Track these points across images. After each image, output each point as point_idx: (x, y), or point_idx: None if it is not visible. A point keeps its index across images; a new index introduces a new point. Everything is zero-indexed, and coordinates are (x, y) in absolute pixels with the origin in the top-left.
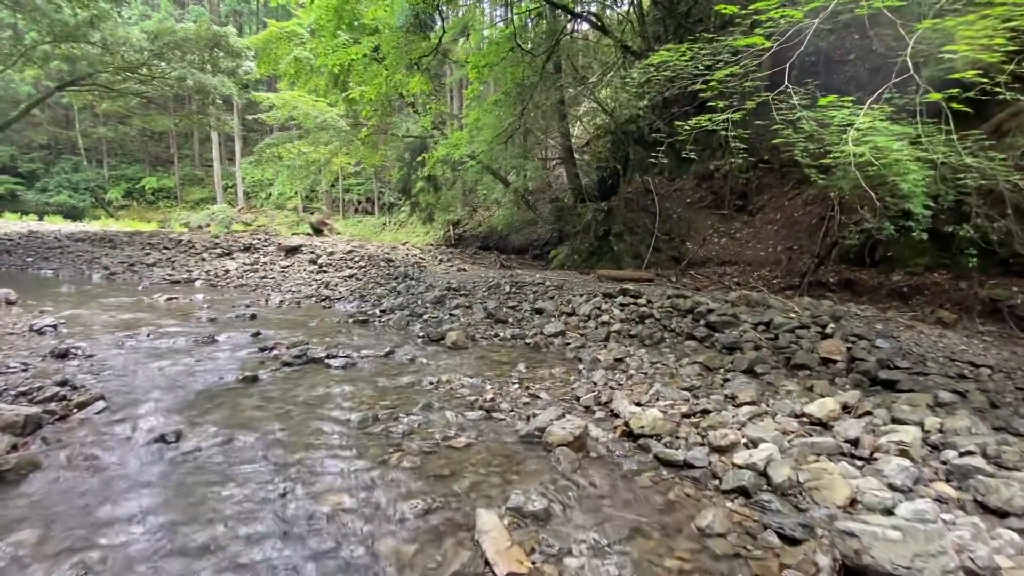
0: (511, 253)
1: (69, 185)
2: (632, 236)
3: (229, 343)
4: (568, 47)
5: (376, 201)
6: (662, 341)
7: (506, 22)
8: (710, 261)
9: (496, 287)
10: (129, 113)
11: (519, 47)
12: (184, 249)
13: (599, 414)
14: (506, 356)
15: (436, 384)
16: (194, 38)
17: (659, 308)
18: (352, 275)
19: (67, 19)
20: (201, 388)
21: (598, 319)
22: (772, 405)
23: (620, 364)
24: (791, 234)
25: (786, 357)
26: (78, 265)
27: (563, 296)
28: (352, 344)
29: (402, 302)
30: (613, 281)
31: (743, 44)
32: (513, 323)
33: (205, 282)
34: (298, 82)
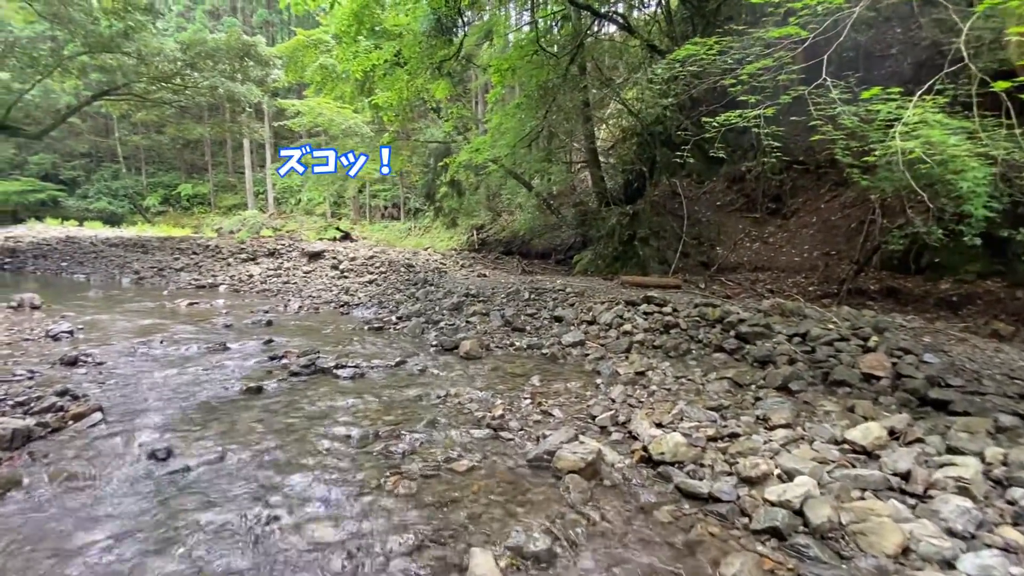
0: (534, 258)
1: (108, 192)
2: (658, 241)
3: (240, 351)
4: (593, 48)
5: (402, 207)
6: (688, 353)
7: (531, 25)
8: (741, 267)
9: (515, 293)
10: (164, 122)
11: (542, 49)
12: (211, 254)
13: (616, 436)
14: (520, 368)
15: (444, 398)
16: (225, 48)
17: (685, 317)
18: (372, 280)
19: (103, 30)
20: (204, 399)
21: (620, 328)
22: (809, 429)
23: (641, 378)
24: (828, 239)
25: (824, 372)
26: (110, 270)
27: (584, 303)
28: (364, 353)
29: (419, 308)
30: (637, 288)
31: (776, 35)
32: (531, 331)
33: (229, 287)
34: (324, 89)
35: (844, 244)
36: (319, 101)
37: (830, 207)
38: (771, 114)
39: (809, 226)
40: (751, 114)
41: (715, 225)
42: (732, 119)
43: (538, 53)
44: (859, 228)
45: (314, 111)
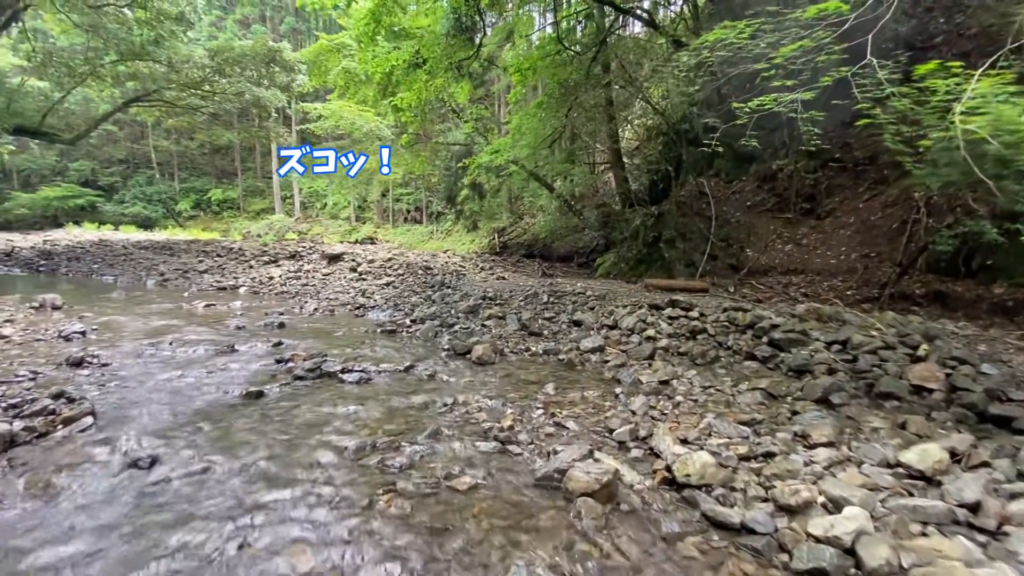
0: (555, 261)
1: (143, 197)
2: (685, 242)
3: (248, 354)
4: (617, 46)
5: (424, 210)
6: (716, 361)
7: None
8: (773, 270)
9: (533, 296)
10: (195, 128)
11: (564, 47)
12: (234, 257)
13: (635, 452)
14: (535, 374)
15: (450, 406)
16: (251, 54)
17: (713, 322)
18: (389, 283)
19: (134, 38)
20: (202, 404)
21: (643, 334)
22: (856, 449)
23: (665, 388)
24: (867, 240)
25: (868, 384)
26: (137, 272)
27: (605, 307)
28: (373, 356)
29: (435, 311)
30: (662, 291)
31: (814, 13)
32: (548, 336)
33: (249, 289)
34: (347, 93)
35: (885, 245)
36: (341, 105)
37: (869, 206)
38: (809, 98)
39: (846, 227)
40: (787, 98)
41: (745, 226)
42: (767, 103)
43: (560, 52)
44: (901, 228)
45: (336, 114)
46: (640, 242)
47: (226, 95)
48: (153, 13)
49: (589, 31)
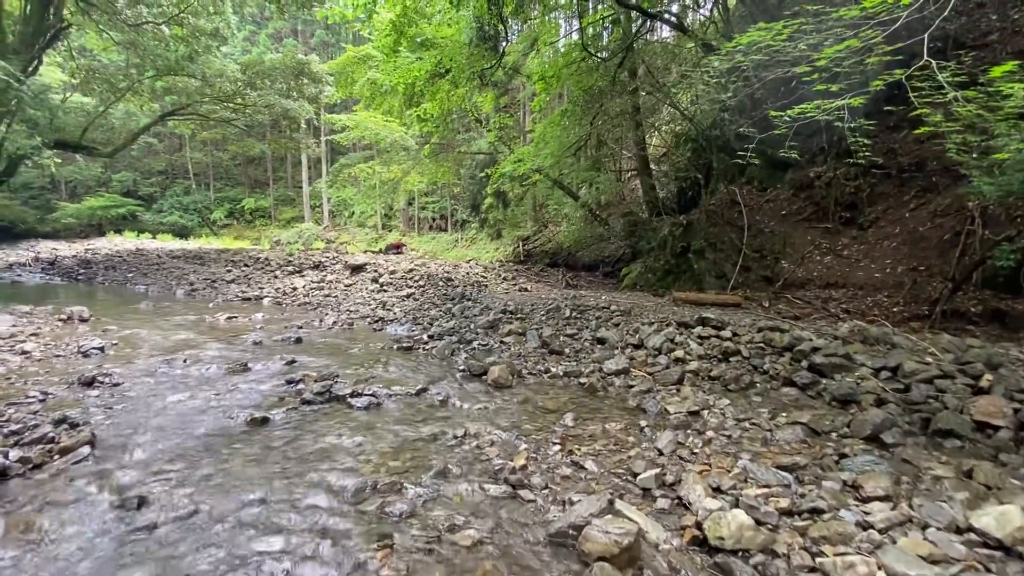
0: (580, 270)
1: (180, 207)
2: (715, 253)
3: (259, 373)
4: (644, 52)
5: (449, 218)
6: (751, 387)
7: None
8: (811, 283)
9: (555, 311)
10: (227, 139)
11: (589, 53)
12: (261, 267)
13: (662, 502)
14: (553, 401)
15: (460, 439)
16: (280, 67)
17: (748, 343)
18: (410, 295)
19: (170, 55)
20: (204, 432)
21: (671, 354)
22: (918, 507)
23: (695, 420)
24: (915, 252)
25: (924, 418)
26: (168, 281)
27: (630, 324)
28: (385, 377)
29: (453, 326)
30: (691, 305)
31: (868, 5)
32: (569, 355)
33: (272, 300)
34: (373, 104)
35: (935, 258)
36: (365, 115)
37: (917, 216)
38: (858, 104)
39: (891, 238)
40: (831, 105)
41: (780, 236)
42: (808, 110)
43: (585, 59)
44: (954, 240)
45: (361, 125)
46: (668, 252)
47: (257, 107)
48: (189, 30)
49: (615, 37)
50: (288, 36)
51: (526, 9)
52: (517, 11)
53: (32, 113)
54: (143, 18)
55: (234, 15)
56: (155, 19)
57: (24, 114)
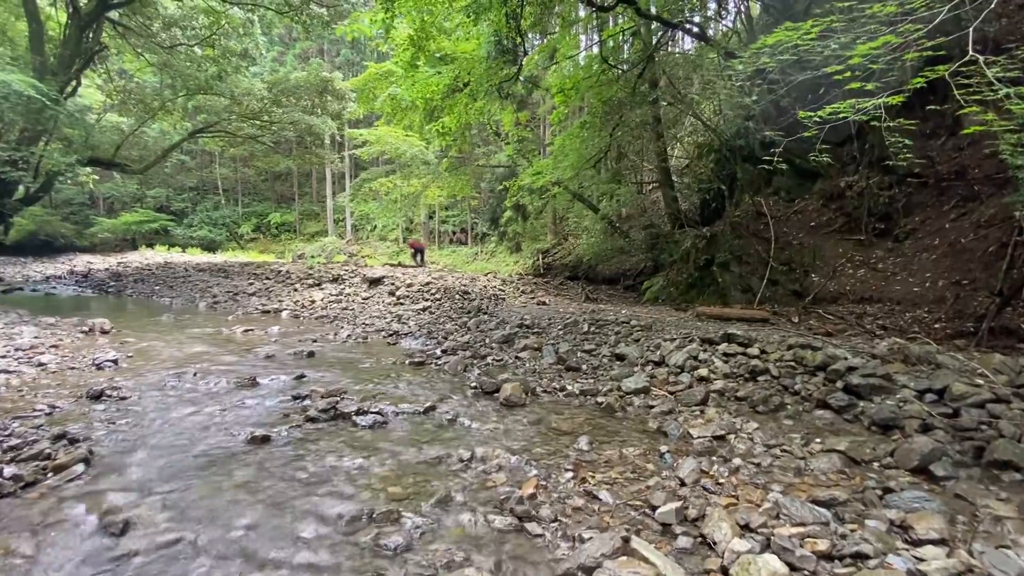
0: (600, 283)
1: (209, 221)
2: (740, 266)
3: (268, 388)
4: (664, 63)
5: (469, 231)
6: (781, 409)
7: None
8: (843, 297)
9: (573, 325)
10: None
11: (609, 65)
12: (282, 279)
13: (683, 540)
14: (568, 421)
15: (467, 462)
16: (305, 84)
17: (777, 361)
18: (426, 308)
19: (200, 74)
20: (203, 449)
21: (694, 372)
22: (980, 554)
23: (721, 445)
24: (957, 264)
25: (976, 447)
26: (192, 294)
27: (651, 339)
28: (394, 394)
29: (468, 340)
30: (716, 320)
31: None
32: (586, 372)
33: (290, 313)
34: (394, 119)
35: (980, 271)
36: (386, 130)
37: (958, 227)
38: (898, 102)
39: (930, 250)
40: (868, 104)
41: (809, 249)
42: (842, 109)
43: (605, 71)
44: (1000, 252)
45: (382, 140)
46: (691, 265)
47: (282, 124)
48: (220, 51)
49: (636, 48)
50: (315, 56)
51: (544, 23)
52: (536, 25)
53: (68, 132)
54: (177, 40)
55: (263, 36)
56: (188, 41)
57: (60, 133)
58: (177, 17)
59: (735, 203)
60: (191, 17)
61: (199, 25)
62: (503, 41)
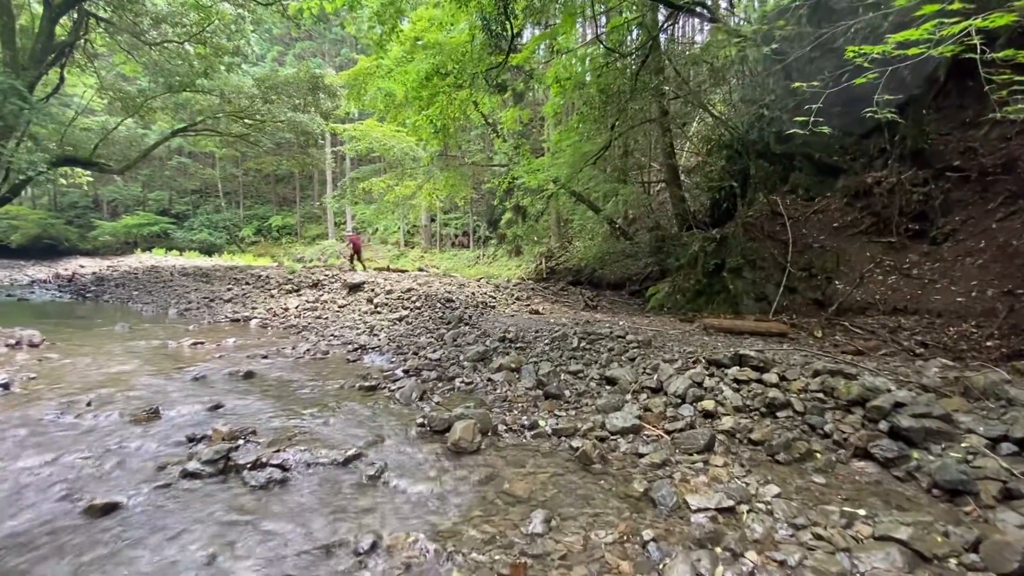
0: (605, 288)
1: (210, 224)
2: (754, 271)
3: (165, 424)
4: (670, 52)
5: (471, 235)
6: (809, 458)
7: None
8: (872, 308)
9: (562, 339)
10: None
11: (608, 49)
12: (260, 285)
13: None
14: (526, 482)
15: (366, 555)
16: (295, 82)
17: (801, 392)
18: (403, 318)
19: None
20: (19, 523)
21: (698, 405)
22: None
23: (730, 525)
24: (1009, 271)
25: None
26: (168, 299)
27: (649, 359)
28: (318, 435)
29: (440, 356)
30: (726, 334)
31: None
32: (569, 400)
33: (260, 322)
34: (387, 116)
35: None
36: (371, 124)
37: (1007, 227)
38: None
39: (975, 253)
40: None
41: (832, 252)
42: (917, 36)
43: (608, 62)
44: None
45: (367, 135)
46: (699, 270)
47: (272, 122)
48: (212, 48)
49: (642, 40)
50: (314, 56)
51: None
52: (530, 11)
53: (36, 129)
54: (167, 37)
55: (254, 34)
56: (179, 38)
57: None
58: (166, 13)
59: (748, 202)
60: (181, 14)
61: (189, 22)
62: (491, 25)
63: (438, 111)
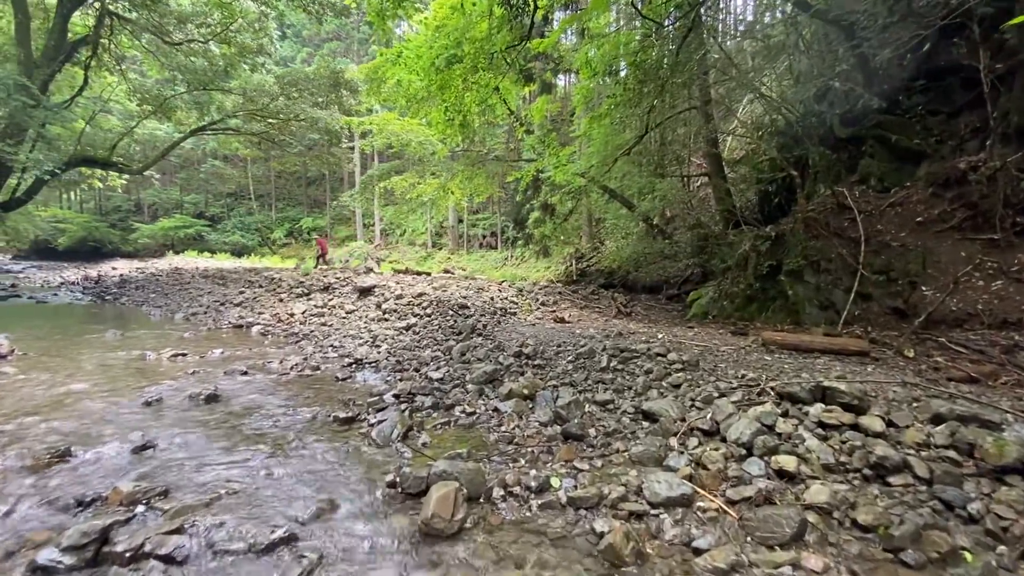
0: (640, 291)
1: (242, 226)
2: (817, 275)
3: (67, 473)
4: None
5: (499, 235)
6: (955, 561)
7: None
8: (972, 320)
9: (588, 356)
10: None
11: (644, 17)
12: (273, 288)
13: None
14: None
15: None
16: (315, 78)
17: (921, 447)
18: (411, 326)
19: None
20: None
21: (770, 460)
22: None
23: None
24: None
25: None
26: (179, 303)
27: (697, 385)
28: (253, 496)
29: (444, 375)
30: (791, 352)
31: None
32: (594, 443)
33: (261, 328)
34: (409, 111)
35: None
36: (388, 116)
37: None
38: None
39: None
40: None
41: (916, 252)
42: None
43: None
44: None
45: (385, 129)
46: (750, 273)
47: (288, 119)
48: (237, 48)
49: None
50: (343, 56)
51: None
52: None
53: (52, 130)
54: (192, 36)
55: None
56: (203, 38)
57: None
58: (190, 13)
59: (807, 195)
60: (206, 13)
61: (213, 22)
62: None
63: (453, 98)
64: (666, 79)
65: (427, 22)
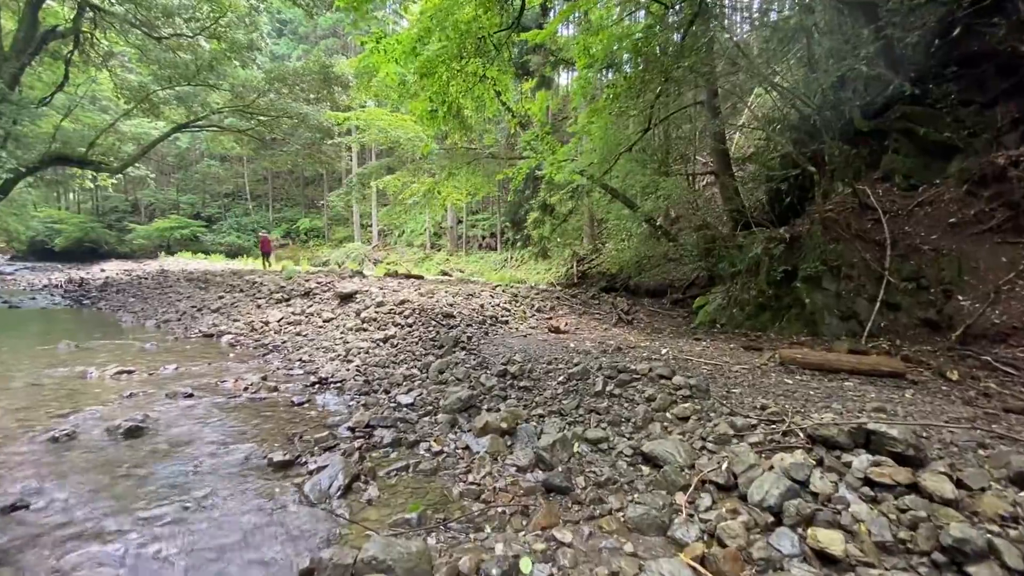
0: (643, 296)
1: (237, 227)
2: (838, 281)
3: None
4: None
5: (499, 236)
6: None
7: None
8: (1019, 334)
9: (581, 377)
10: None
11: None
12: (252, 293)
13: None
14: None
15: None
16: (304, 73)
17: (1005, 521)
18: (388, 338)
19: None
20: None
21: (805, 533)
22: None
23: None
24: None
25: None
26: (156, 308)
27: (708, 419)
28: None
29: (415, 399)
30: (814, 373)
31: None
32: (582, 499)
33: (232, 338)
34: (401, 106)
35: None
36: (375, 112)
37: None
38: None
39: None
40: None
41: (950, 257)
42: None
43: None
44: None
45: (372, 124)
46: (762, 279)
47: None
48: (227, 44)
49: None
50: (339, 53)
51: None
52: None
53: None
54: (180, 31)
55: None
56: (191, 32)
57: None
58: (176, 6)
59: (824, 193)
60: (194, 7)
61: (202, 16)
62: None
63: (437, 87)
64: (670, 66)
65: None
